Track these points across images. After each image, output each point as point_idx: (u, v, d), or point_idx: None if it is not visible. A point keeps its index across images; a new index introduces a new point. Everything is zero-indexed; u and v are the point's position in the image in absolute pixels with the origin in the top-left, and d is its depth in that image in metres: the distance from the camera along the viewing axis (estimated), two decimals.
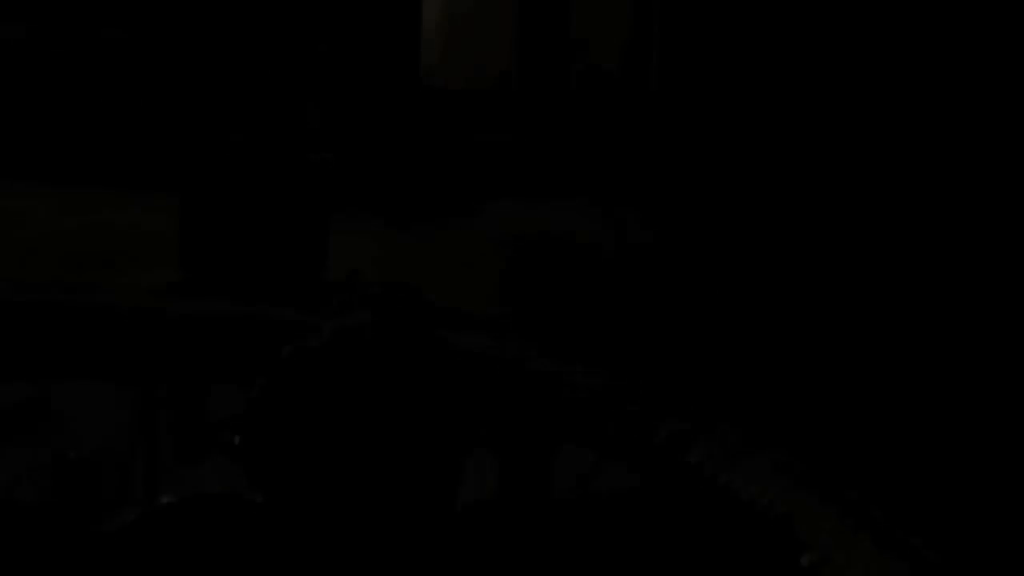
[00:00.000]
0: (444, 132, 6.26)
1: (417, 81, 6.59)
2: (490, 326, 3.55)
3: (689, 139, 6.48)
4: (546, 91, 6.83)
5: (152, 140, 5.84)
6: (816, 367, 3.59)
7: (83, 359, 2.77)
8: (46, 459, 2.45)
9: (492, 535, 2.01)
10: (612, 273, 4.94)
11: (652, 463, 2.01)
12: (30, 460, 2.49)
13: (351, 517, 2.02)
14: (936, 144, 5.58)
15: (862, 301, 4.45)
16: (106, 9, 6.56)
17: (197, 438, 2.54)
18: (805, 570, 1.77)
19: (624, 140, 6.79)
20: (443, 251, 5.18)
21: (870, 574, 1.76)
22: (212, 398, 2.68)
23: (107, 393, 2.55)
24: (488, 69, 7.68)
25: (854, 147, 5.79)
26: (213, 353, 2.71)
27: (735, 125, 6.16)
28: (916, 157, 5.80)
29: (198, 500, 2.15)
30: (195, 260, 4.30)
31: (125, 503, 2.20)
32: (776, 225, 5.11)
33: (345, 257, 4.62)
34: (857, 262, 4.94)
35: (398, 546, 2.02)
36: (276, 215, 4.28)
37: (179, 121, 4.33)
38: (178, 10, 4.46)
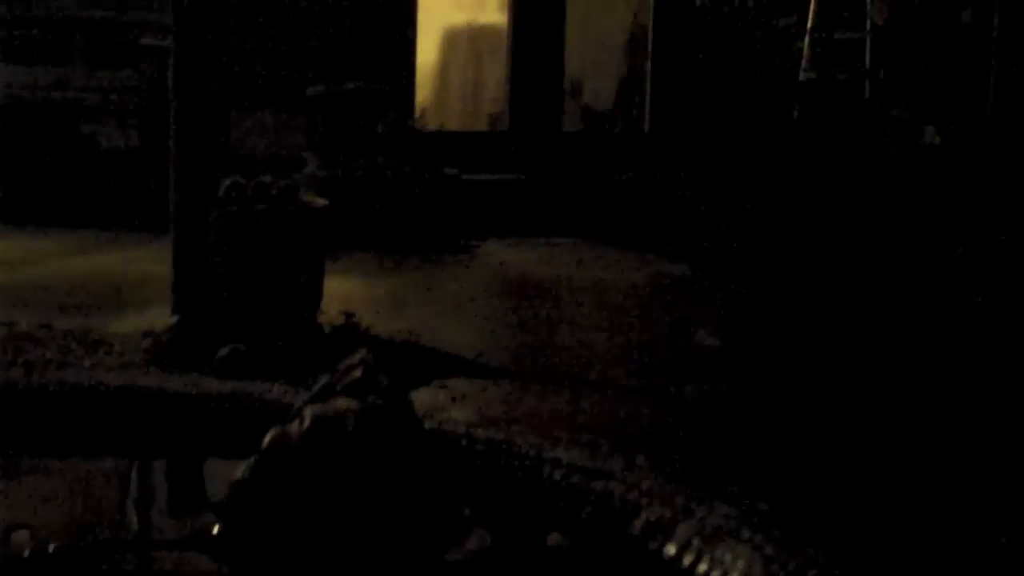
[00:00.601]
0: (437, 172, 6.29)
1: (411, 122, 6.62)
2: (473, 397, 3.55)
3: (681, 178, 6.51)
4: (539, 132, 6.87)
5: (148, 184, 5.86)
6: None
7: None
8: None
9: None
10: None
11: (626, 555, 1.99)
12: None
13: None
14: None
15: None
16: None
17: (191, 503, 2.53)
18: None
19: (617, 179, 6.82)
20: (436, 293, 5.19)
21: None
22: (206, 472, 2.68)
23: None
24: (481, 110, 7.74)
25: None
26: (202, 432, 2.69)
27: (727, 167, 6.19)
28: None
29: None
30: (188, 302, 4.30)
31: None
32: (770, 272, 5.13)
33: (339, 298, 4.64)
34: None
35: None
36: (271, 258, 4.28)
37: (173, 164, 4.34)
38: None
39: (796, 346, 4.16)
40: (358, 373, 2.22)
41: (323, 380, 2.26)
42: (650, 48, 7.31)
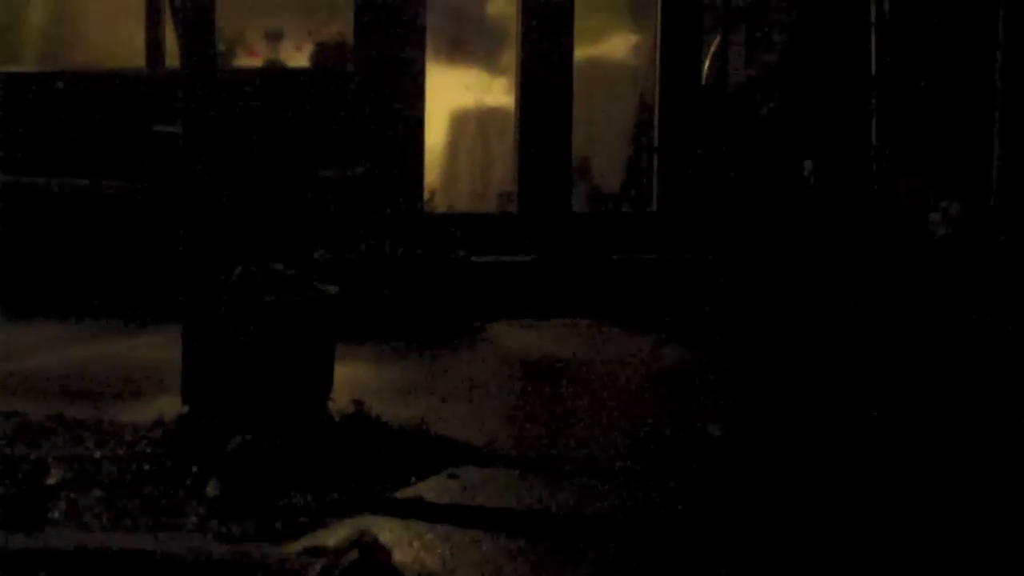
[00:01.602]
0: (446, 255, 6.30)
1: (420, 205, 6.65)
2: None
3: (687, 260, 6.52)
4: (548, 213, 6.89)
5: (155, 273, 5.88)
6: None
7: None
8: None
9: None
10: None
11: None
12: None
13: None
14: None
15: None
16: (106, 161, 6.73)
17: None
18: None
19: (624, 259, 6.83)
20: (446, 378, 5.19)
21: None
22: None
23: None
24: (490, 191, 7.77)
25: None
26: None
27: (733, 247, 6.19)
28: None
29: None
30: (198, 392, 4.30)
31: None
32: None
33: (349, 384, 4.64)
34: None
35: None
36: (282, 347, 4.29)
37: (183, 253, 4.36)
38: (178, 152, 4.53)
39: (804, 441, 4.13)
40: (355, 555, 2.20)
41: (320, 565, 2.23)
42: (656, 128, 7.35)
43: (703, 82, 7.82)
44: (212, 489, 3.60)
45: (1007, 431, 4.23)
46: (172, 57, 6.81)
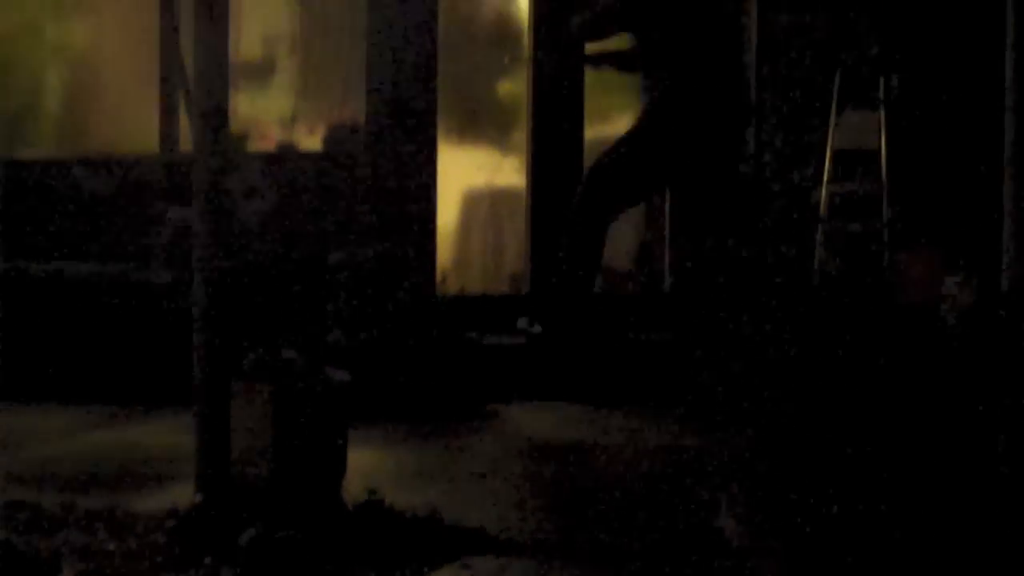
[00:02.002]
0: (459, 337, 6.31)
1: (432, 287, 6.67)
2: None
3: (698, 341, 6.50)
4: (558, 292, 6.89)
5: (167, 358, 5.89)
6: None
7: None
8: None
9: None
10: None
11: None
12: None
13: None
14: None
15: None
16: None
17: None
18: None
19: (637, 340, 6.83)
20: (459, 463, 5.17)
21: None
22: None
23: None
24: (502, 271, 7.80)
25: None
26: None
27: (747, 329, 6.19)
28: None
29: None
30: (212, 481, 4.29)
31: None
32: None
33: (361, 470, 4.63)
34: None
35: None
36: (294, 436, 4.29)
37: (195, 339, 4.37)
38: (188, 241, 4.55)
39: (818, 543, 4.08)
40: None
41: None
42: (667, 206, 7.37)
43: None
44: None
45: None
46: (186, 141, 6.88)
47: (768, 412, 5.05)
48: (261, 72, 7.91)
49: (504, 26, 8.10)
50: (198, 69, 4.74)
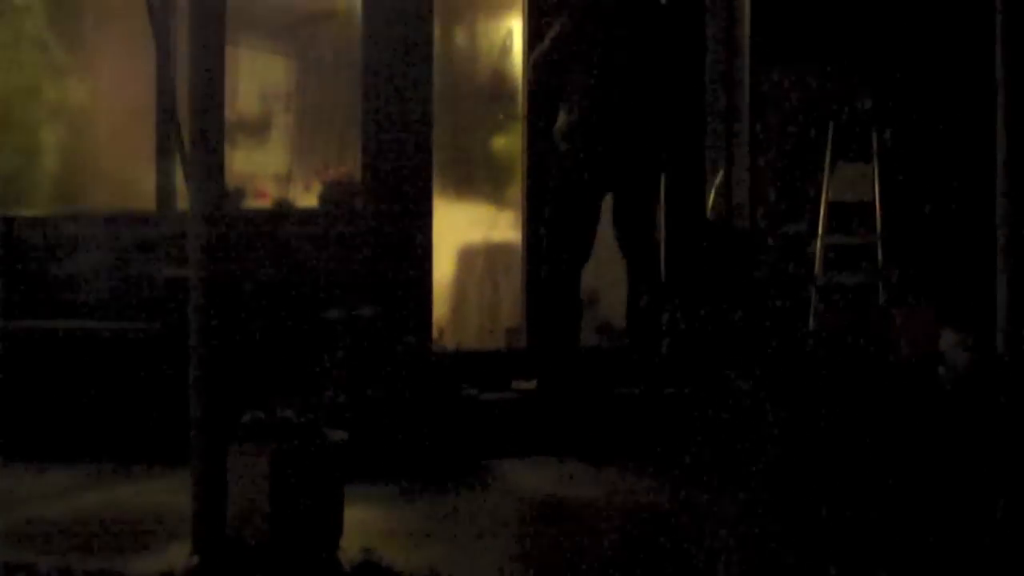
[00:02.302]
0: (455, 393, 6.30)
1: (428, 344, 6.66)
2: None
3: (693, 396, 6.50)
4: (555, 348, 6.89)
5: (162, 416, 5.89)
6: None
7: None
8: None
9: None
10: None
11: None
12: None
13: None
14: None
15: None
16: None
17: None
18: None
19: (633, 396, 6.82)
20: (457, 522, 5.15)
21: None
22: None
23: None
24: (499, 326, 7.80)
25: None
26: None
27: (744, 384, 6.18)
28: None
29: None
30: (208, 543, 4.28)
31: None
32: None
33: (358, 530, 4.61)
34: None
35: None
36: (291, 496, 4.28)
37: (191, 398, 4.37)
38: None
39: None
40: None
41: None
42: (663, 261, 7.39)
43: (708, 215, 7.89)
44: None
45: None
46: (183, 199, 6.89)
47: (764, 473, 5.04)
48: (257, 128, 7.96)
49: (499, 83, 8.16)
50: (194, 129, 4.77)
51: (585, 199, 6.75)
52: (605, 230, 6.88)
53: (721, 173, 8.07)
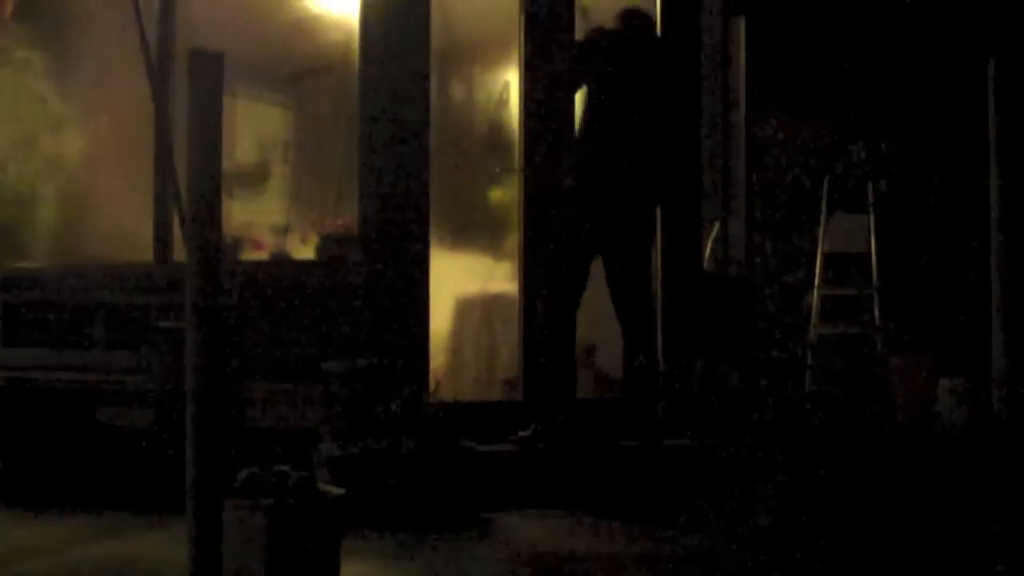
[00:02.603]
0: (453, 446, 6.29)
1: (426, 396, 6.65)
2: None
3: (696, 448, 6.49)
4: (553, 400, 6.89)
5: (159, 469, 5.88)
6: None
7: None
8: None
9: None
10: None
11: None
12: None
13: None
14: None
15: None
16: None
17: None
18: None
19: (628, 448, 6.81)
20: (455, 574, 5.13)
21: None
22: None
23: None
24: (495, 377, 7.80)
25: None
26: None
27: (741, 436, 6.17)
28: None
29: None
30: None
31: None
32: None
33: None
34: None
35: None
36: (287, 552, 4.27)
37: (188, 453, 4.36)
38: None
39: None
40: None
41: None
42: (660, 314, 7.40)
43: (705, 267, 7.90)
44: None
45: None
46: (181, 250, 6.92)
47: (764, 532, 5.02)
48: (255, 179, 7.98)
49: (496, 134, 8.19)
50: (191, 182, 4.77)
51: (577, 256, 6.79)
52: (602, 285, 6.89)
53: (718, 225, 8.09)
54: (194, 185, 4.65)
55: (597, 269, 6.89)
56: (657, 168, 6.79)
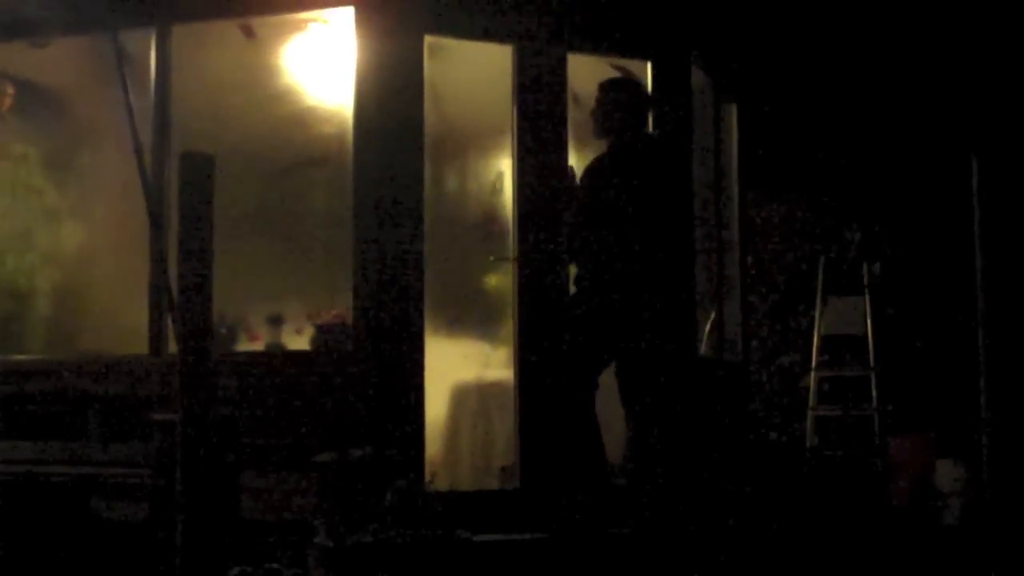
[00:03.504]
0: (449, 536, 6.25)
1: (421, 486, 6.63)
2: None
3: (697, 534, 6.46)
4: (550, 488, 6.87)
5: (158, 557, 5.84)
6: None
7: None
8: None
9: None
10: None
11: None
12: None
13: None
14: None
15: None
16: None
17: None
18: None
19: (622, 536, 6.77)
20: None
21: None
22: None
23: None
24: (492, 465, 7.78)
25: None
26: None
27: (738, 513, 6.15)
28: None
29: None
30: None
31: None
32: None
33: None
34: None
35: None
36: None
37: (180, 547, 4.36)
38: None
39: None
40: None
41: None
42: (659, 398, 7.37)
43: (702, 352, 7.91)
44: None
45: None
46: (175, 342, 6.92)
47: None
48: (249, 270, 8.00)
49: (490, 222, 8.24)
50: (182, 278, 4.81)
51: (590, 356, 6.81)
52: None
53: (714, 314, 8.11)
54: (185, 285, 4.69)
55: None
56: (653, 263, 6.79)
